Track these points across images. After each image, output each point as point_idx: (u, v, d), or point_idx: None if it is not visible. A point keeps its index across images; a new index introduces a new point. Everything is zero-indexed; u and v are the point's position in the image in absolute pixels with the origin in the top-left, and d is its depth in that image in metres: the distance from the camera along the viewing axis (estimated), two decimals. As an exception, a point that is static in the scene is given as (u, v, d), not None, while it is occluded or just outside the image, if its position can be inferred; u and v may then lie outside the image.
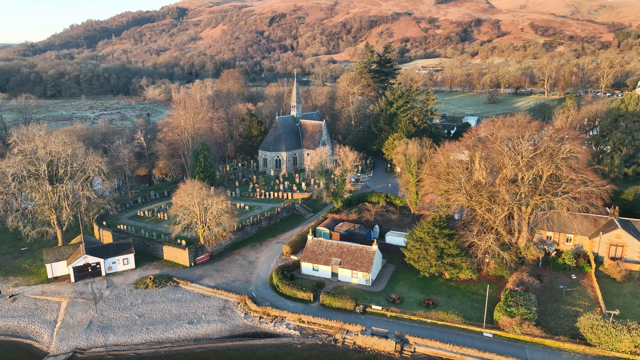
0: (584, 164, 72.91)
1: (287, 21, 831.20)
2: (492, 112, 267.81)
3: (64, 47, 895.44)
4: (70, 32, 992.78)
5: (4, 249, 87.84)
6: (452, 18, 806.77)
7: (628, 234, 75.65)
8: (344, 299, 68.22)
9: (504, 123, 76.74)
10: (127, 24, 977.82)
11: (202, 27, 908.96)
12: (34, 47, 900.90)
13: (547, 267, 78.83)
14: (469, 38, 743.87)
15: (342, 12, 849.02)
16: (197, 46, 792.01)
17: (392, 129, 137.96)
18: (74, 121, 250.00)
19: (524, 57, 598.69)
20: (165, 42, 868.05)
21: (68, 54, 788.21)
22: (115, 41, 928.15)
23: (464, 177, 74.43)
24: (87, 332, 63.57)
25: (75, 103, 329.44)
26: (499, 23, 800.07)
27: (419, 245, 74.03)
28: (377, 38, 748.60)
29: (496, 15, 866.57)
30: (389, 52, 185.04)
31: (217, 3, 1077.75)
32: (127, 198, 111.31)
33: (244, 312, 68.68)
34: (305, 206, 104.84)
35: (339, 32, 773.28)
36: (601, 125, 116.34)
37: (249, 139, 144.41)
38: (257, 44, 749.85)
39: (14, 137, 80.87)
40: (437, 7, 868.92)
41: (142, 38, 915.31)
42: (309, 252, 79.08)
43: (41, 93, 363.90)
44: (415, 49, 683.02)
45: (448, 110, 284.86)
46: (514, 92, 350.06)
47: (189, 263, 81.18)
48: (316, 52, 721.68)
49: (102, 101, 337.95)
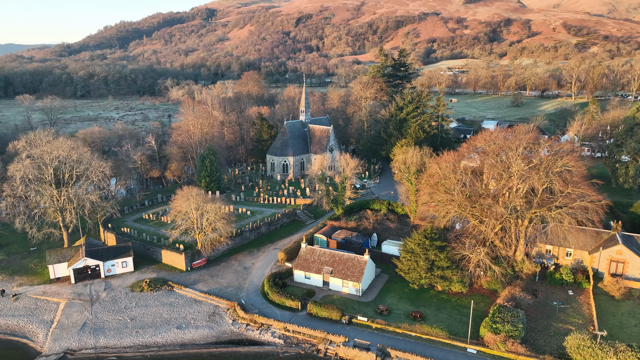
0: (580, 178, 70.95)
1: (314, 22, 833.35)
2: (513, 116, 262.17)
3: (98, 47, 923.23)
4: (103, 33, 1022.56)
5: (14, 249, 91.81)
6: (480, 18, 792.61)
7: (629, 250, 73.18)
8: (330, 309, 68.49)
9: (500, 134, 75.39)
10: (157, 25, 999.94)
11: (230, 28, 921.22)
12: (70, 48, 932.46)
13: (544, 281, 77.04)
14: (498, 38, 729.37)
15: (369, 13, 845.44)
16: (224, 47, 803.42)
17: (401, 134, 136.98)
18: (98, 121, 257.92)
19: (554, 58, 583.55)
20: (194, 42, 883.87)
21: (101, 55, 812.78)
22: (146, 42, 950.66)
23: (457, 188, 73.55)
24: (80, 334, 65.93)
25: (102, 103, 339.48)
26: (530, 23, 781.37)
27: (409, 256, 73.59)
28: (403, 38, 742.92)
29: (527, 14, 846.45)
30: (403, 56, 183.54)
31: (246, 4, 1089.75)
32: (135, 200, 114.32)
33: (232, 318, 69.83)
34: (307, 212, 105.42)
35: (365, 33, 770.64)
36: (615, 134, 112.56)
37: (260, 142, 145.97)
38: (283, 44, 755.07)
39: (23, 142, 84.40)
40: (466, 6, 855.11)
41: (172, 39, 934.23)
42: (301, 260, 79.66)
43: (72, 93, 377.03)
44: (441, 50, 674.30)
45: (469, 114, 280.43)
46: (540, 95, 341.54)
47: (185, 267, 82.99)
48: (341, 52, 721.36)
49: (128, 101, 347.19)
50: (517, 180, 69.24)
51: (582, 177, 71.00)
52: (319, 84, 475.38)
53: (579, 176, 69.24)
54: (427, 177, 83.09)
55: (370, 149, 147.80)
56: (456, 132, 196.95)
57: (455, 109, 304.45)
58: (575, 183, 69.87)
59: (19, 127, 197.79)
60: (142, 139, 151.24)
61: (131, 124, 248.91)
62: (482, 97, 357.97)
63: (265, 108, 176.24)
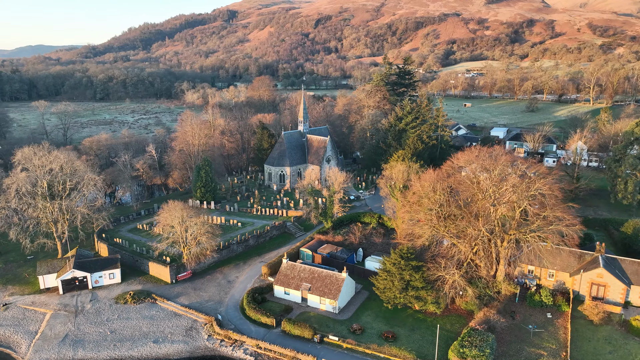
0: (557, 201, 70.05)
1: (333, 23, 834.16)
2: (526, 122, 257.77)
3: (122, 49, 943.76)
4: (128, 34, 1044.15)
5: (12, 257, 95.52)
6: (502, 19, 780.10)
7: (610, 274, 71.90)
8: (302, 327, 69.34)
9: (481, 153, 74.96)
10: (180, 27, 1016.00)
11: (250, 30, 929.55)
12: (95, 50, 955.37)
13: (523, 303, 76.26)
14: (520, 39, 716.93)
15: (388, 14, 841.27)
16: (244, 48, 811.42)
17: (400, 145, 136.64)
18: (113, 125, 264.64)
19: (577, 59, 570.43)
20: (215, 44, 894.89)
21: (124, 56, 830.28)
22: (168, 43, 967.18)
23: (435, 208, 73.49)
24: (60, 346, 68.44)
25: (119, 106, 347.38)
26: (554, 23, 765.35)
27: (385, 275, 73.83)
28: (422, 40, 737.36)
29: (551, 14, 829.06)
30: (408, 63, 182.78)
31: (266, 5, 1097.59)
32: (132, 210, 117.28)
33: (208, 333, 71.38)
34: (298, 225, 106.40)
35: (384, 34, 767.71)
36: (614, 149, 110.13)
37: (260, 151, 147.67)
38: (301, 46, 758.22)
39: (18, 157, 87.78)
40: (488, 7, 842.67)
41: (193, 40, 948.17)
42: (282, 276, 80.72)
43: (91, 96, 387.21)
44: (461, 51, 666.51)
45: (480, 119, 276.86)
46: (557, 100, 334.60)
47: (170, 280, 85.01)
48: (360, 54, 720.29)
49: (144, 104, 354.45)
50: (492, 201, 68.78)
51: (559, 200, 70.03)
52: (335, 87, 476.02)
53: (554, 200, 68.29)
54: (410, 194, 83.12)
55: (371, 159, 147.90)
56: (463, 140, 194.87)
57: (468, 114, 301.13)
58: (553, 206, 68.99)
59: (33, 132, 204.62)
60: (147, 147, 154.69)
61: (144, 128, 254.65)
62: (498, 101, 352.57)
63: (270, 115, 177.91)
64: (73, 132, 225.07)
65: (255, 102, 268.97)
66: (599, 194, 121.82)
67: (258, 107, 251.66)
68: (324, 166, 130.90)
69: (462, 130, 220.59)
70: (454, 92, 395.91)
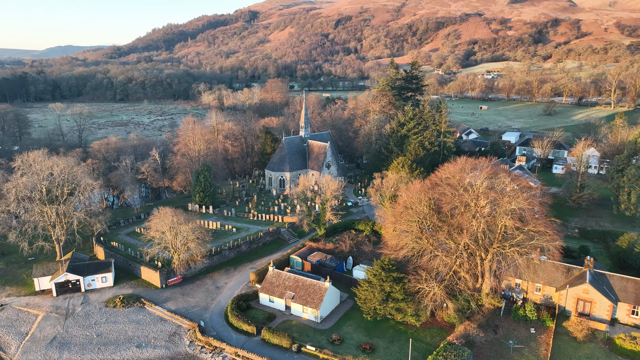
0: (542, 216, 68.92)
1: (353, 23, 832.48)
2: (542, 126, 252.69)
3: (145, 49, 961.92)
4: (151, 35, 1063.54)
5: (14, 258, 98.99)
6: (526, 18, 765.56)
7: (596, 290, 70.38)
8: (281, 336, 69.98)
9: (467, 165, 74.25)
10: (202, 27, 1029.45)
11: (271, 30, 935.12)
12: (120, 50, 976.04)
13: (508, 317, 75.24)
14: (544, 40, 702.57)
15: (409, 14, 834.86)
16: (264, 49, 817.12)
17: (401, 151, 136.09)
18: (129, 126, 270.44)
19: (602, 60, 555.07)
20: (236, 44, 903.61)
21: (148, 56, 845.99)
22: (190, 44, 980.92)
23: (417, 219, 73.16)
24: (47, 348, 70.75)
25: (137, 107, 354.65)
26: (580, 23, 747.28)
27: (366, 286, 73.92)
28: (443, 40, 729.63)
29: (577, 14, 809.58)
30: (415, 68, 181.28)
31: (287, 5, 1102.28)
32: (132, 213, 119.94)
33: (190, 340, 72.67)
34: (292, 231, 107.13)
35: (404, 35, 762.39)
36: (617, 159, 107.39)
37: (263, 156, 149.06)
38: (321, 46, 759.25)
39: (18, 162, 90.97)
40: (511, 7, 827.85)
41: (215, 41, 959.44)
42: (267, 284, 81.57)
43: (111, 97, 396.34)
44: (482, 52, 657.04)
45: (495, 123, 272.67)
46: (576, 103, 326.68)
47: (160, 285, 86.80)
48: (379, 54, 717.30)
49: (161, 106, 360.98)
50: (472, 214, 68.14)
51: (542, 215, 68.89)
52: (352, 88, 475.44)
53: (534, 215, 67.18)
54: (396, 204, 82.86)
55: (374, 164, 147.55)
56: (472, 145, 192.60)
57: (483, 117, 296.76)
58: (534, 221, 67.91)
59: (50, 133, 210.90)
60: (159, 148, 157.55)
61: (158, 129, 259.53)
62: (515, 104, 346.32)
63: (277, 119, 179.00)
64: (88, 133, 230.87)
65: (268, 105, 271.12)
66: (604, 204, 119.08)
67: (270, 109, 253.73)
68: (324, 172, 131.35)
69: (473, 135, 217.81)
70: (471, 95, 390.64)
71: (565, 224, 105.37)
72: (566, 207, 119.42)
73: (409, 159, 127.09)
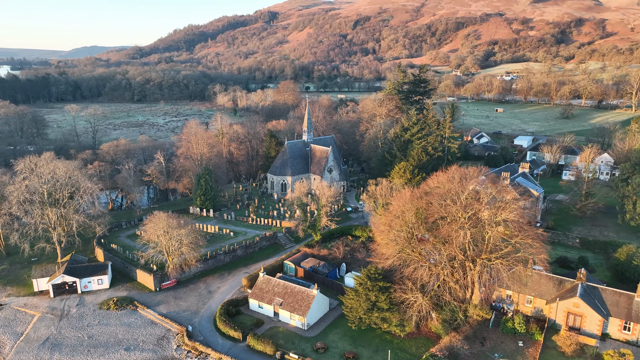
0: (530, 228, 67.76)
1: (371, 24, 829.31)
2: (559, 130, 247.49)
3: (166, 50, 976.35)
4: (173, 36, 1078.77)
5: (18, 258, 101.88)
6: (548, 18, 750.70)
7: (586, 305, 68.77)
8: (265, 343, 70.40)
9: (456, 174, 73.48)
10: (222, 28, 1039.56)
11: (290, 31, 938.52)
12: (142, 51, 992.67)
13: (497, 329, 74.16)
14: (566, 40, 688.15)
15: (428, 14, 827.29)
16: (282, 49, 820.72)
17: (404, 156, 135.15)
18: (143, 127, 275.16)
19: (627, 61, 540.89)
20: (255, 45, 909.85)
21: (169, 57, 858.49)
22: (210, 44, 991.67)
23: (404, 228, 72.74)
24: (39, 348, 72.69)
25: (154, 108, 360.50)
26: (605, 22, 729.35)
27: (352, 295, 73.81)
28: (462, 40, 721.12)
29: (602, 13, 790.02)
30: (423, 72, 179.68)
31: (307, 6, 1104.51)
32: (135, 215, 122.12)
33: (177, 344, 73.73)
34: (289, 236, 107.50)
35: (423, 35, 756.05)
36: (622, 168, 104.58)
37: (267, 159, 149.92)
38: (339, 47, 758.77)
39: (20, 166, 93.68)
40: (533, 6, 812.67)
41: (235, 41, 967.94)
42: (257, 289, 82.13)
43: (130, 98, 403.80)
44: (502, 53, 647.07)
45: (509, 126, 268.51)
46: (596, 106, 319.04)
47: (154, 288, 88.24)
48: (397, 55, 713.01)
49: (177, 106, 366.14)
50: (459, 225, 67.39)
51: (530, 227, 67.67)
52: (367, 89, 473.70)
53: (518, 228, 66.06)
54: (387, 213, 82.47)
55: (379, 169, 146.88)
56: (482, 149, 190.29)
57: (498, 119, 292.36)
58: (525, 231, 66.83)
59: (65, 134, 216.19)
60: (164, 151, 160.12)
61: (171, 130, 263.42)
62: (532, 106, 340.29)
63: (283, 122, 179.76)
64: (104, 134, 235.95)
65: (280, 106, 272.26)
66: (610, 213, 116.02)
67: (282, 111, 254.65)
68: (325, 176, 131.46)
69: (484, 138, 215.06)
70: (487, 96, 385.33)
71: (567, 233, 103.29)
72: (570, 216, 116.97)
73: (411, 165, 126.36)
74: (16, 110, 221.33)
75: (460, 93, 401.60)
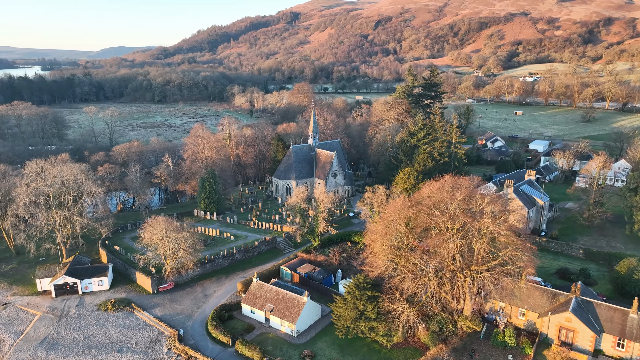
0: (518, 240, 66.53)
1: (393, 24, 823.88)
2: (579, 134, 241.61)
3: (190, 50, 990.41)
4: (196, 37, 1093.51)
5: (26, 258, 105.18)
6: (576, 17, 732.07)
7: (578, 320, 67.16)
8: (252, 349, 71.05)
9: (447, 184, 72.73)
10: (244, 29, 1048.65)
11: (312, 31, 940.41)
12: (166, 51, 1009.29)
13: (487, 341, 73.08)
14: (594, 40, 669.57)
15: (451, 14, 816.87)
16: (303, 50, 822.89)
17: (410, 162, 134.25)
18: (161, 128, 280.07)
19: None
20: (276, 45, 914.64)
21: (192, 57, 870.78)
22: (233, 45, 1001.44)
23: (392, 238, 72.40)
24: (37, 348, 75.08)
25: (173, 109, 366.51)
26: (635, 22, 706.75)
27: (341, 303, 73.84)
28: (485, 41, 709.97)
29: (634, 12, 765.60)
30: (434, 75, 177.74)
31: (329, 6, 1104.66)
32: (141, 217, 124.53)
33: (168, 347, 75.13)
34: (288, 241, 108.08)
35: (445, 35, 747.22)
36: (629, 177, 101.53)
37: (275, 162, 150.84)
38: (359, 47, 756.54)
39: (28, 169, 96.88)
40: (560, 5, 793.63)
41: (257, 42, 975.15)
42: (250, 295, 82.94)
43: (150, 98, 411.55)
44: (526, 53, 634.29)
45: (527, 129, 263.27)
46: (620, 109, 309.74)
47: (151, 290, 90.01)
48: (419, 55, 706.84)
49: (196, 107, 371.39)
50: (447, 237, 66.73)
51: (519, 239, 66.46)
52: (386, 90, 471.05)
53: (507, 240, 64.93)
54: (380, 221, 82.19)
55: (386, 174, 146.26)
56: (494, 154, 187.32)
57: (516, 123, 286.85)
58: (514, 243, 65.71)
59: (83, 134, 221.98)
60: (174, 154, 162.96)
61: (187, 132, 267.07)
62: (553, 109, 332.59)
63: (293, 125, 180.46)
64: (121, 135, 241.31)
65: (295, 108, 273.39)
66: (620, 223, 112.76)
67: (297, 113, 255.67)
68: (329, 181, 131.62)
69: (498, 142, 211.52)
70: (507, 98, 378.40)
71: (570, 243, 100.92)
72: (578, 225, 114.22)
73: (415, 170, 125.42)
74: (37, 111, 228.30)
75: (480, 95, 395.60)
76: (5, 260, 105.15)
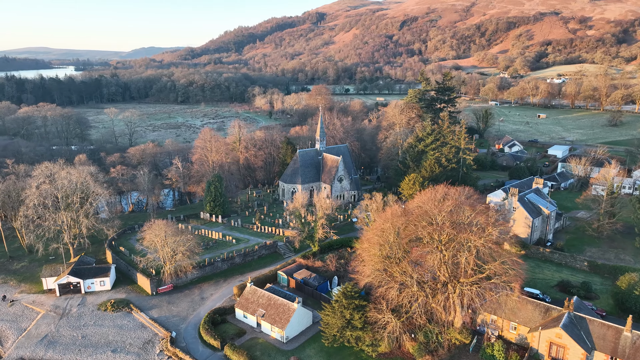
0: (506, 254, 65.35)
1: (418, 24, 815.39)
2: (604, 139, 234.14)
3: (216, 51, 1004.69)
4: (223, 37, 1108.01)
5: (37, 257, 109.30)
6: (610, 16, 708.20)
7: (568, 336, 65.48)
8: (239, 354, 72.00)
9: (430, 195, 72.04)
10: (270, 30, 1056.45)
11: (337, 32, 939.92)
12: (193, 52, 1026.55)
13: (477, 354, 72.00)
14: (629, 40, 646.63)
15: (478, 14, 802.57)
16: (328, 50, 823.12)
17: (417, 167, 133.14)
18: (181, 129, 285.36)
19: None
20: (301, 46, 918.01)
21: (218, 58, 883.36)
22: (258, 45, 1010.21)
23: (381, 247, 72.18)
24: (37, 345, 78.01)
25: (195, 110, 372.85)
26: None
27: (329, 311, 74.00)
28: (513, 41, 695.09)
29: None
30: (448, 79, 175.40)
31: (355, 7, 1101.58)
32: (148, 218, 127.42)
33: (160, 349, 76.87)
34: (289, 245, 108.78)
35: (472, 35, 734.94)
36: (639, 188, 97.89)
37: (283, 166, 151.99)
38: (384, 48, 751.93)
39: (37, 172, 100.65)
40: (593, 4, 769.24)
41: (282, 42, 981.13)
42: (243, 299, 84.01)
43: (174, 99, 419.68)
44: (555, 54, 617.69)
45: (549, 133, 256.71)
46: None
47: (150, 292, 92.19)
48: (444, 56, 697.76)
49: (217, 108, 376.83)
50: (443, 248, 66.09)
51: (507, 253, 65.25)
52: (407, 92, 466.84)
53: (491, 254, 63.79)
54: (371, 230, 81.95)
55: (394, 179, 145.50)
56: (510, 159, 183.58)
57: (538, 126, 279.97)
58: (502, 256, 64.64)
59: (105, 135, 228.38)
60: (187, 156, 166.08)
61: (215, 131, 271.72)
62: (579, 112, 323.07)
63: (305, 127, 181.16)
64: (141, 135, 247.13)
65: (312, 110, 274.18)
66: (631, 234, 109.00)
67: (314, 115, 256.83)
68: (335, 185, 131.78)
69: (516, 147, 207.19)
70: (532, 101, 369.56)
71: (575, 255, 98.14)
72: (587, 236, 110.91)
73: (422, 176, 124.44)
74: (62, 112, 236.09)
75: (503, 97, 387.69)
76: (18, 258, 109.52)
